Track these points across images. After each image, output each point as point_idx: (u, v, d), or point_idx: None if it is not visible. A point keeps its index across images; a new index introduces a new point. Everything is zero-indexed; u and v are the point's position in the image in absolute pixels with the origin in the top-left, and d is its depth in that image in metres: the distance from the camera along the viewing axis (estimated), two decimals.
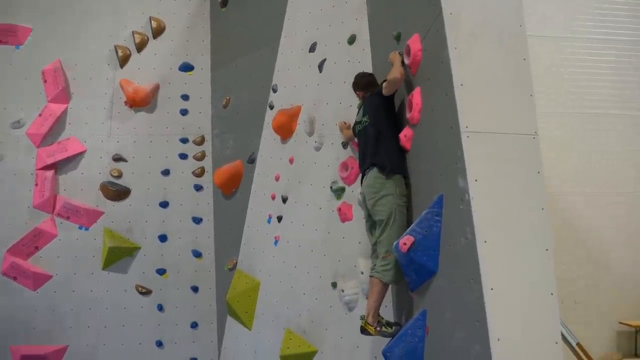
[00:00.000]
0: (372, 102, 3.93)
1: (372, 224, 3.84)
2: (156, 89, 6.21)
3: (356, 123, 4.16)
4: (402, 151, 3.72)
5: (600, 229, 6.26)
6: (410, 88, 3.58)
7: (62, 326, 5.66)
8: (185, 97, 6.25)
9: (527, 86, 2.92)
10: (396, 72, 3.55)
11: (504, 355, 2.41)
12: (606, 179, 6.43)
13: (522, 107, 2.89)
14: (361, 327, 3.63)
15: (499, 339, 2.43)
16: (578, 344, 5.01)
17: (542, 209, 2.72)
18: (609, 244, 6.28)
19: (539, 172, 2.78)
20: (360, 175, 4.03)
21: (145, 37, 6.30)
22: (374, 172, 3.70)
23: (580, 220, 6.26)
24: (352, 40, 4.82)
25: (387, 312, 3.92)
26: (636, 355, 6.06)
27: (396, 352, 3.35)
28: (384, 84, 3.73)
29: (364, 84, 4.22)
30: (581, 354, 4.97)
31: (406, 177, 3.68)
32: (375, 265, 3.72)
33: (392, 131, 3.77)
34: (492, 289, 2.51)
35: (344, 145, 4.69)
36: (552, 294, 2.58)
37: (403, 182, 3.65)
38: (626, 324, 6.12)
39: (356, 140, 4.28)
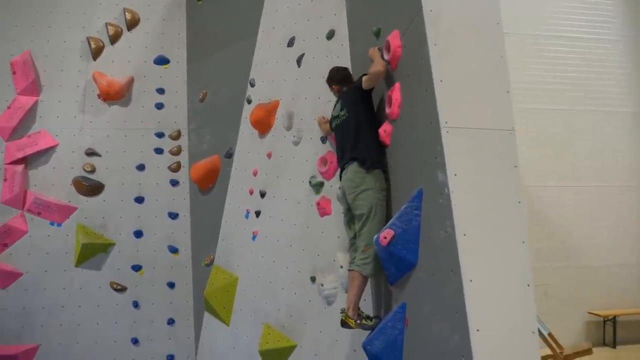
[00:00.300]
0: (350, 96, 3.94)
1: (350, 218, 3.86)
2: (131, 82, 6.10)
3: (333, 117, 4.15)
4: (381, 145, 3.74)
5: (570, 223, 6.45)
6: (389, 83, 3.61)
7: (33, 325, 5.51)
8: (160, 91, 6.15)
9: (504, 83, 2.98)
10: (379, 65, 3.56)
11: (483, 346, 2.47)
12: (577, 175, 6.65)
13: (499, 103, 2.94)
14: (342, 320, 3.66)
15: (478, 330, 2.48)
16: (550, 334, 5.17)
17: (519, 202, 2.78)
18: (579, 237, 6.48)
19: (515, 167, 2.84)
20: (339, 170, 4.04)
21: (119, 29, 6.18)
22: (354, 167, 3.71)
23: (551, 214, 6.43)
24: (330, 35, 4.83)
25: (366, 306, 3.96)
26: (604, 344, 6.27)
27: (376, 344, 3.39)
28: (364, 77, 3.75)
29: (339, 78, 4.23)
30: (553, 343, 5.13)
31: (385, 172, 3.71)
32: (354, 258, 3.75)
33: (370, 125, 3.78)
34: (471, 280, 2.56)
35: (323, 140, 4.71)
36: (528, 285, 2.65)
37: (383, 176, 3.67)
38: (595, 314, 6.33)
39: (333, 134, 4.28)
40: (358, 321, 3.64)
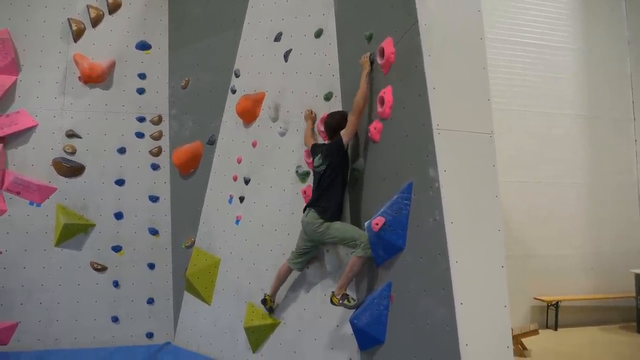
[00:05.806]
0: (331, 153, 4.29)
1: (306, 241, 4.49)
2: (112, 65, 6.17)
3: (315, 166, 4.49)
4: (342, 201, 4.32)
5: (523, 217, 7.09)
6: (381, 86, 3.97)
7: (12, 303, 5.58)
8: (142, 76, 6.26)
9: (486, 92, 3.41)
10: (360, 98, 4.06)
11: (466, 317, 2.90)
12: (531, 172, 7.31)
13: (481, 110, 3.37)
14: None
15: (461, 303, 2.92)
16: None
17: (496, 196, 3.23)
18: (530, 229, 7.12)
19: (494, 166, 3.28)
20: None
21: (101, 12, 6.21)
22: (313, 214, 4.28)
23: (505, 207, 7.01)
24: (318, 34, 5.10)
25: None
26: (547, 327, 6.98)
27: (362, 319, 3.80)
28: (342, 132, 4.20)
29: (327, 125, 4.48)
30: None
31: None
32: (292, 259, 4.60)
33: (342, 182, 4.30)
34: (457, 262, 2.99)
35: None
36: (502, 266, 3.11)
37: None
38: (540, 299, 7.02)
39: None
40: (341, 301, 4.05)
